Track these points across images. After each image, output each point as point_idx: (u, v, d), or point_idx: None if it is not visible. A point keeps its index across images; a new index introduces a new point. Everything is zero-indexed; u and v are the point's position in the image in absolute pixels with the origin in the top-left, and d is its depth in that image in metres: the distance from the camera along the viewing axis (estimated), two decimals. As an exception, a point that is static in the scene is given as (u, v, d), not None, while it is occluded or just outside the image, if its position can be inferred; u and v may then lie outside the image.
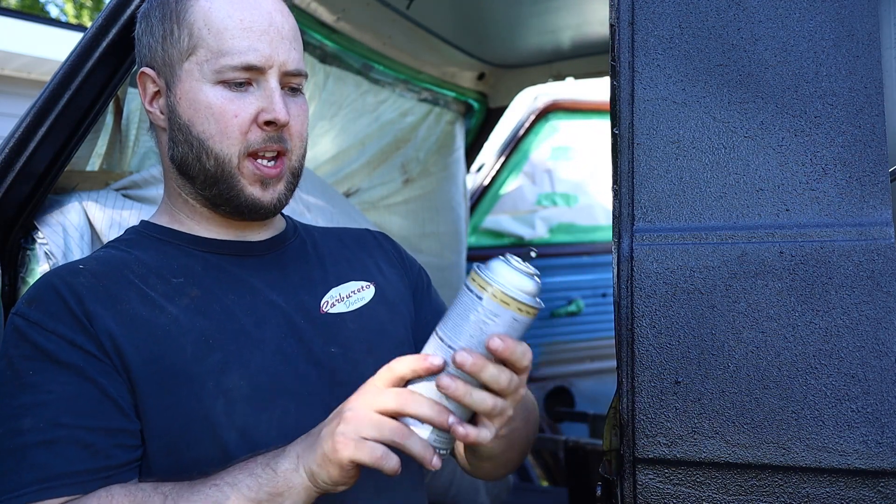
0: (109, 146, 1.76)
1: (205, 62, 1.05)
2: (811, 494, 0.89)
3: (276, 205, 1.09)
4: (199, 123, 1.06)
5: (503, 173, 3.80)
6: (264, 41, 1.05)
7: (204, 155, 1.06)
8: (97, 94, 1.42)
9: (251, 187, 1.07)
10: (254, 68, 1.04)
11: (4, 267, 1.50)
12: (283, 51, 1.06)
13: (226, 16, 1.05)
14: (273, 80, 1.05)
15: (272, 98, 1.05)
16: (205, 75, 1.05)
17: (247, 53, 1.04)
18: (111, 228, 1.60)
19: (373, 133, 2.80)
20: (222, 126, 1.04)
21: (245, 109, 1.05)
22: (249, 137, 1.05)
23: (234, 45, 1.04)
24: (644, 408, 0.93)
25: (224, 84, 1.05)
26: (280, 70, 1.06)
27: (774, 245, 0.91)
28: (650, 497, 0.93)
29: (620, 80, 1.00)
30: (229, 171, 1.06)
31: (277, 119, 1.04)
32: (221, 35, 1.04)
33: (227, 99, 1.04)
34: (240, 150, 1.05)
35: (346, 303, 1.15)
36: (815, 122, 0.93)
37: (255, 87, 1.06)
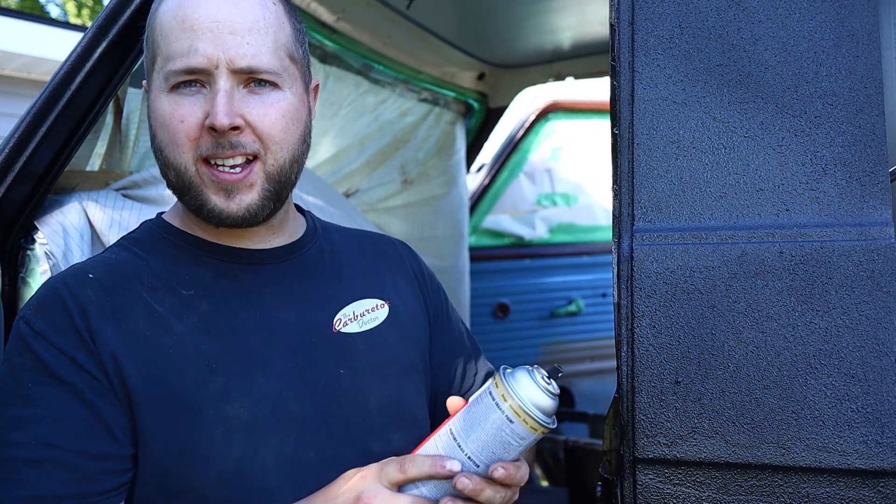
0: (109, 146, 1.76)
1: (161, 69, 1.00)
2: (811, 494, 0.89)
3: (245, 215, 1.01)
4: (157, 134, 1.02)
5: (503, 173, 3.80)
6: (206, 39, 0.97)
7: (165, 166, 1.02)
8: (97, 94, 1.42)
9: (215, 196, 1.00)
10: (196, 71, 0.97)
11: (4, 267, 1.50)
12: (231, 47, 0.97)
13: (172, 17, 0.99)
14: (221, 81, 0.97)
15: (213, 100, 0.96)
16: (160, 84, 1.00)
17: (187, 55, 0.97)
18: (111, 228, 1.60)
19: (373, 133, 2.81)
20: (171, 134, 0.99)
21: (192, 114, 0.98)
22: (200, 143, 0.98)
23: (176, 48, 0.98)
24: (644, 408, 0.93)
25: (175, 90, 0.99)
26: (228, 68, 0.97)
27: (774, 245, 0.91)
28: (650, 497, 0.93)
29: (620, 80, 0.99)
30: (188, 180, 1.00)
31: (214, 124, 0.95)
32: (167, 39, 0.99)
33: (175, 105, 0.98)
34: (193, 157, 0.99)
35: (359, 322, 1.11)
36: (815, 122, 0.93)
37: (208, 90, 0.98)
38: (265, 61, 0.99)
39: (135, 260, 1.05)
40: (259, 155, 1.00)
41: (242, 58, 0.98)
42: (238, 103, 0.98)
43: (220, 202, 1.00)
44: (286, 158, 1.03)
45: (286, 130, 1.02)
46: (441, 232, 3.00)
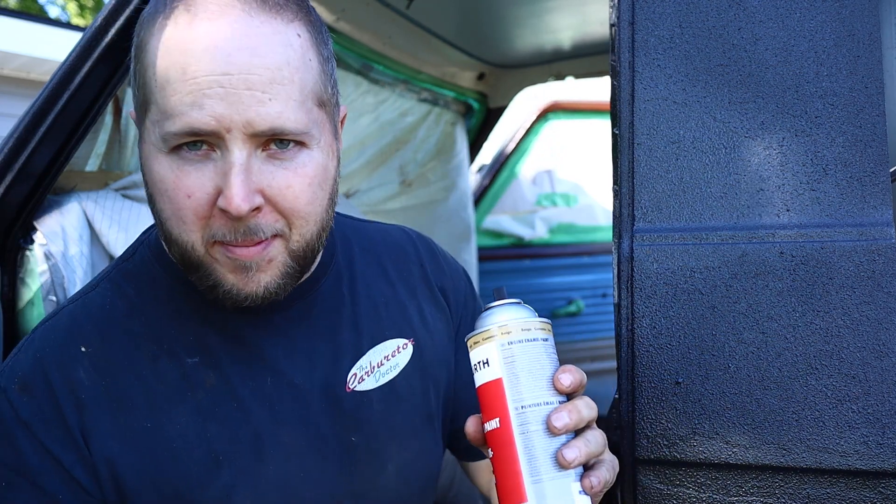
0: (109, 146, 1.76)
1: (156, 122, 0.80)
2: (812, 495, 0.89)
3: (264, 296, 0.85)
4: (157, 200, 0.83)
5: (503, 173, 3.80)
6: (214, 96, 0.76)
7: (168, 239, 0.85)
8: (96, 94, 1.42)
9: (231, 275, 0.84)
10: (202, 133, 0.77)
11: (4, 267, 1.50)
12: (248, 105, 0.77)
13: (171, 63, 0.78)
14: (236, 151, 0.78)
15: (228, 178, 0.77)
16: (157, 141, 0.80)
17: (188, 114, 0.77)
18: (110, 229, 1.60)
19: (373, 133, 2.81)
20: (175, 209, 0.81)
21: (201, 188, 0.79)
22: (212, 225, 0.81)
23: (175, 104, 0.77)
24: (644, 409, 0.93)
25: (177, 151, 0.80)
26: (245, 133, 0.77)
27: (775, 245, 0.91)
28: (650, 498, 0.93)
29: (621, 80, 0.99)
30: (198, 259, 0.83)
31: (229, 209, 0.77)
32: (165, 90, 0.78)
33: (180, 173, 0.79)
34: (202, 238, 0.82)
35: (375, 376, 0.98)
36: (815, 123, 0.93)
37: (219, 155, 0.79)
38: (291, 119, 0.79)
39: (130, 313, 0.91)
40: (282, 234, 0.84)
41: (263, 120, 0.78)
42: (257, 175, 0.79)
43: (238, 281, 0.84)
44: (313, 232, 0.86)
45: (313, 201, 0.84)
46: (441, 237, 3.00)
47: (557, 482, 0.75)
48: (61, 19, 11.81)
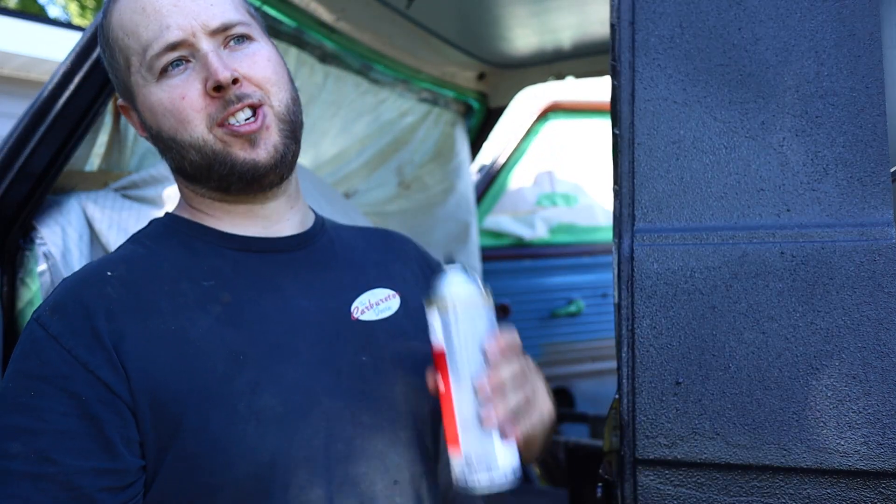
0: (108, 146, 1.76)
1: (140, 66, 1.01)
2: (812, 496, 0.89)
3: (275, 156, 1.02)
4: (162, 124, 1.02)
5: (503, 174, 3.80)
6: (174, 14, 0.99)
7: (183, 151, 1.02)
8: (96, 94, 1.42)
9: (242, 152, 1.01)
10: (176, 45, 0.99)
11: (3, 267, 1.50)
12: (199, 11, 1.00)
13: (131, 12, 1.01)
14: (204, 45, 0.99)
15: (206, 62, 0.98)
16: (146, 79, 1.01)
17: (161, 35, 0.99)
18: (110, 228, 1.60)
19: (372, 133, 2.80)
20: (178, 114, 1.00)
21: (191, 87, 0.99)
22: (209, 111, 0.99)
23: (148, 35, 0.99)
24: (644, 409, 0.93)
25: (164, 75, 1.00)
26: (205, 32, 1.00)
27: (775, 245, 0.91)
28: (650, 498, 0.93)
29: (621, 80, 0.99)
30: (210, 149, 1.01)
31: (218, 80, 0.97)
32: (136, 32, 1.00)
33: (170, 88, 1.00)
34: (207, 126, 1.00)
35: (375, 311, 1.11)
36: (816, 122, 0.93)
37: (194, 62, 1.00)
38: (234, 16, 1.03)
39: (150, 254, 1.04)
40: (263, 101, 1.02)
41: (213, 18, 1.00)
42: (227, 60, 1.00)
43: (249, 153, 1.01)
44: (287, 97, 1.05)
45: (277, 72, 1.05)
46: (441, 239, 3.00)
47: (482, 435, 0.92)
48: (61, 19, 11.81)
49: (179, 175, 1.08)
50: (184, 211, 1.12)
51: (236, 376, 0.95)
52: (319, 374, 1.01)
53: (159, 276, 1.01)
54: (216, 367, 0.95)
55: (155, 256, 1.04)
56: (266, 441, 0.94)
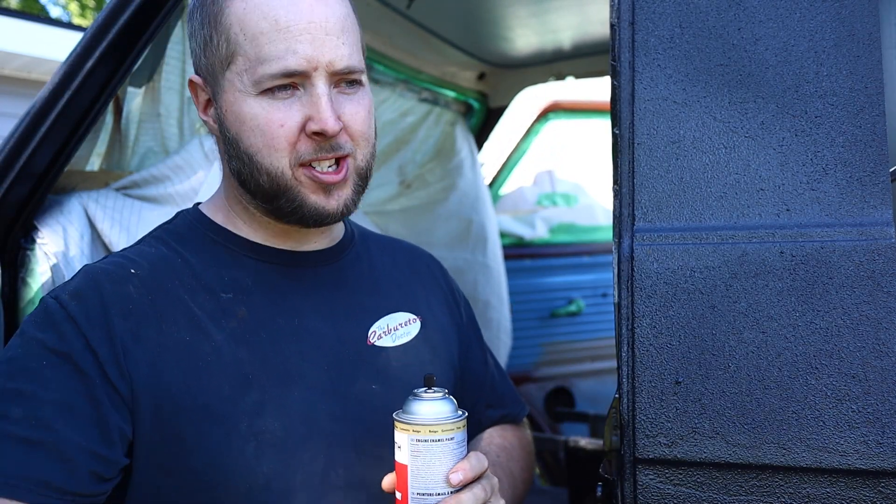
0: (109, 146, 1.76)
1: (244, 72, 0.97)
2: (812, 495, 0.89)
3: (342, 211, 1.02)
4: (245, 138, 0.98)
5: (503, 173, 3.80)
6: (304, 41, 0.95)
7: (256, 171, 0.99)
8: (97, 94, 1.42)
9: (314, 196, 0.99)
10: (295, 74, 0.95)
11: (4, 267, 1.50)
12: (328, 49, 0.96)
13: (260, 17, 0.95)
14: (321, 84, 0.96)
15: (318, 105, 0.96)
16: (245, 86, 0.97)
17: (285, 58, 0.94)
18: (112, 228, 1.60)
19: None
20: (268, 139, 0.97)
21: (291, 118, 0.96)
22: (299, 148, 0.97)
23: (270, 51, 0.94)
24: (644, 408, 0.93)
25: (267, 93, 0.96)
26: (327, 71, 0.96)
27: (775, 245, 0.91)
28: (650, 497, 0.93)
29: (621, 80, 0.99)
30: (285, 183, 0.99)
31: (325, 130, 0.95)
32: (257, 40, 0.95)
33: (271, 109, 0.96)
34: (290, 162, 0.98)
35: (393, 336, 1.10)
36: (815, 122, 0.93)
37: (303, 92, 0.97)
38: (357, 60, 1.01)
39: (173, 256, 1.03)
40: (351, 154, 1.01)
41: (341, 59, 0.97)
42: (335, 104, 0.98)
43: (321, 201, 1.00)
44: (370, 153, 1.05)
45: (371, 126, 1.04)
46: (440, 237, 3.00)
47: None
48: (62, 19, 11.81)
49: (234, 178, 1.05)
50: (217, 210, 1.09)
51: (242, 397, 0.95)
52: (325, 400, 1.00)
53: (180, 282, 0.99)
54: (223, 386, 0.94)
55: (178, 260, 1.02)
56: (263, 463, 0.94)
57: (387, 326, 1.10)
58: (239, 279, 1.03)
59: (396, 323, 1.11)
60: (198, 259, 1.03)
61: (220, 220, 1.08)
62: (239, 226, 1.07)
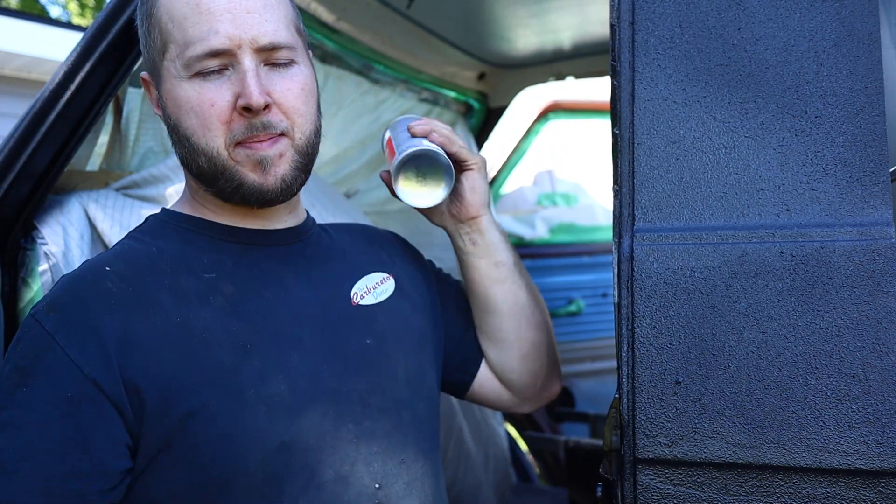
0: (109, 146, 1.76)
1: (176, 58, 0.99)
2: (811, 495, 0.89)
3: (282, 187, 1.03)
4: (182, 121, 1.01)
5: (503, 174, 3.80)
6: (225, 20, 0.97)
7: (195, 153, 1.01)
8: (97, 94, 1.42)
9: (252, 174, 1.01)
10: (220, 53, 0.97)
11: (4, 267, 1.50)
12: (251, 25, 0.98)
13: (184, 3, 0.98)
14: (247, 60, 0.98)
15: (244, 81, 0.97)
16: (179, 71, 0.99)
17: (207, 38, 0.97)
18: (112, 228, 1.60)
19: (373, 133, 2.80)
20: (202, 119, 0.99)
21: (222, 97, 0.98)
22: (233, 127, 0.99)
23: (194, 33, 0.97)
24: (644, 408, 0.93)
25: (199, 76, 0.98)
26: (251, 47, 0.98)
27: (775, 245, 0.91)
28: (650, 497, 0.93)
29: (621, 80, 0.99)
30: (222, 164, 1.00)
31: (250, 104, 0.96)
32: (182, 25, 0.98)
33: (202, 90, 0.98)
34: (225, 142, 0.99)
35: (374, 294, 1.14)
36: (815, 122, 0.93)
37: (232, 72, 0.99)
38: (283, 36, 1.01)
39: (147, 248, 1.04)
40: (287, 132, 1.02)
41: (264, 35, 0.99)
42: (264, 80, 0.99)
43: (258, 178, 1.01)
44: (310, 130, 1.06)
45: (307, 103, 1.05)
46: (438, 240, 3.00)
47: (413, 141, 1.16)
48: (62, 19, 11.80)
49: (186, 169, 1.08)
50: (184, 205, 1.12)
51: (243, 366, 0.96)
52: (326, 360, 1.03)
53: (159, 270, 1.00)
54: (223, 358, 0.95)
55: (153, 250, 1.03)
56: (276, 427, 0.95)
57: (366, 287, 1.14)
58: (219, 261, 1.04)
59: (374, 282, 1.16)
60: (174, 247, 1.05)
61: (188, 212, 1.10)
62: (207, 214, 1.09)
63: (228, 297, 1.00)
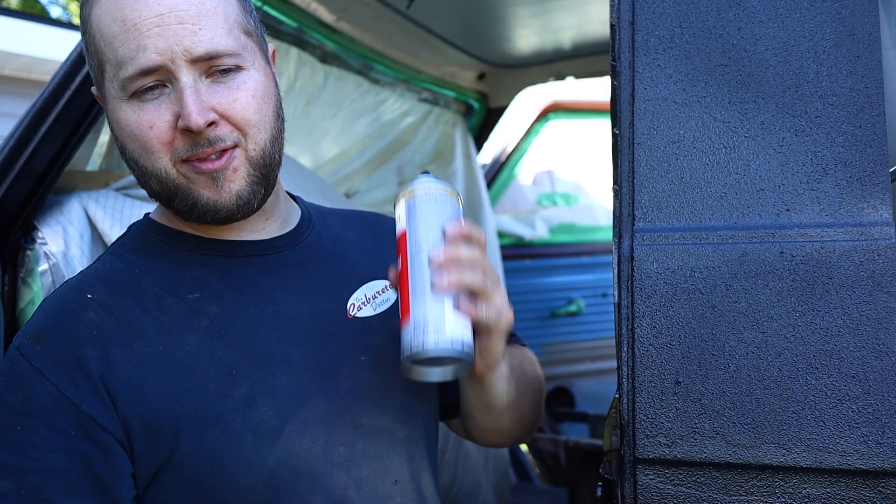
0: (109, 146, 1.76)
1: (112, 78, 0.93)
2: (812, 495, 0.89)
3: (238, 204, 0.96)
4: (127, 145, 0.95)
5: (503, 173, 3.80)
6: (153, 35, 0.89)
7: (144, 175, 0.96)
8: (97, 94, 1.42)
9: (206, 191, 0.94)
10: (151, 70, 0.90)
11: (4, 267, 1.50)
12: (182, 36, 0.89)
13: (111, 20, 0.91)
14: (183, 76, 0.90)
15: (182, 100, 0.90)
16: (117, 92, 0.93)
17: (136, 57, 0.89)
18: (112, 228, 1.60)
19: (373, 133, 2.81)
20: (142, 142, 0.92)
21: (160, 118, 0.91)
22: (176, 146, 0.92)
23: (124, 52, 0.90)
24: (644, 408, 0.93)
25: (136, 97, 0.92)
26: (186, 59, 0.90)
27: (775, 245, 0.91)
28: (650, 497, 0.93)
29: (621, 80, 0.99)
30: (173, 183, 0.94)
31: (189, 125, 0.89)
32: (112, 44, 0.91)
33: (141, 112, 0.92)
34: (171, 160, 0.93)
35: (373, 305, 1.08)
36: (815, 122, 0.93)
37: (171, 89, 0.92)
38: (223, 43, 0.92)
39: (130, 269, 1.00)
40: (239, 143, 0.95)
41: (199, 45, 0.90)
42: (206, 96, 0.91)
43: (212, 195, 0.94)
44: (266, 139, 0.97)
45: (260, 111, 0.96)
46: None
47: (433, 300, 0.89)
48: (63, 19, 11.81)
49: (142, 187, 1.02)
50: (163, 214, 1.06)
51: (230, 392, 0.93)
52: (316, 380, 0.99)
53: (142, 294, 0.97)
54: (208, 385, 0.93)
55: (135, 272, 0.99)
56: (264, 455, 0.92)
57: (365, 296, 1.07)
58: (203, 277, 1.00)
59: (374, 291, 1.09)
60: (157, 266, 1.00)
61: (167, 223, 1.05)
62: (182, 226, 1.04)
63: (213, 319, 0.97)
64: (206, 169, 0.93)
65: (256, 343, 0.97)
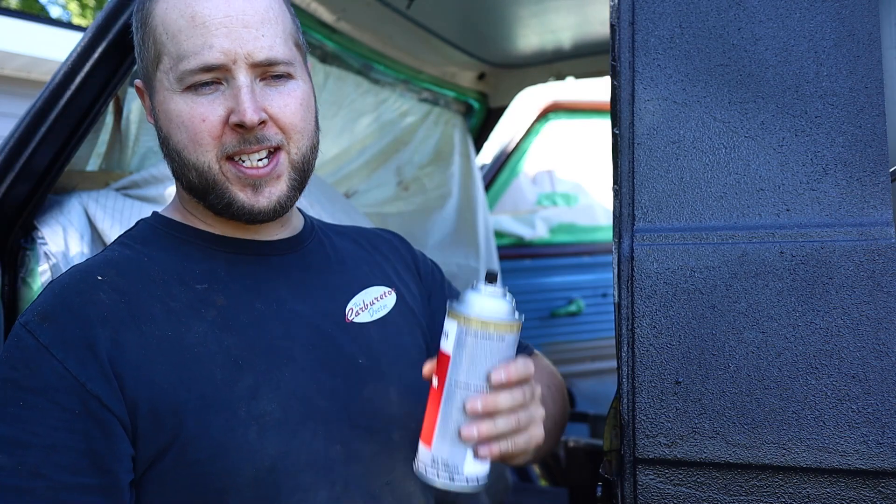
0: (109, 146, 1.76)
1: (169, 70, 0.97)
2: (812, 495, 0.89)
3: (275, 208, 1.01)
4: (173, 135, 0.99)
5: (503, 173, 3.80)
6: (221, 35, 0.95)
7: (185, 167, 0.99)
8: (97, 94, 1.42)
9: (242, 193, 0.99)
10: (214, 67, 0.95)
11: (4, 267, 1.50)
12: (247, 41, 0.96)
13: (178, 15, 0.96)
14: (241, 76, 0.96)
15: (238, 97, 0.95)
16: (172, 84, 0.97)
17: (202, 53, 0.95)
18: (112, 228, 1.60)
19: (373, 133, 2.81)
20: (192, 134, 0.97)
21: (213, 112, 0.96)
22: (224, 141, 0.97)
23: (188, 47, 0.95)
24: (644, 408, 0.93)
25: (191, 90, 0.96)
26: (247, 63, 0.96)
27: (775, 245, 0.91)
28: (650, 497, 0.93)
29: (621, 80, 0.99)
30: (212, 178, 0.98)
31: (243, 121, 0.95)
32: (177, 37, 0.96)
33: (194, 105, 0.96)
34: (216, 155, 0.97)
35: (370, 311, 1.11)
36: (815, 122, 0.93)
37: (226, 87, 0.97)
38: (280, 52, 0.99)
39: (139, 257, 1.02)
40: (283, 146, 1.00)
41: (260, 51, 0.97)
42: (260, 97, 0.97)
43: (249, 198, 0.99)
44: (307, 146, 1.04)
45: (305, 119, 1.03)
46: (434, 243, 2.99)
47: (456, 445, 0.90)
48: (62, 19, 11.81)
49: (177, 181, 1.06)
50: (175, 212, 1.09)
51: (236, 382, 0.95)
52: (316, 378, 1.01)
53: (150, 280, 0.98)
54: (215, 373, 0.94)
55: (144, 259, 1.01)
56: (267, 445, 0.94)
57: (363, 302, 1.11)
58: (211, 270, 1.02)
59: (372, 297, 1.12)
60: (165, 256, 1.03)
61: (179, 219, 1.08)
62: (196, 223, 1.07)
63: (220, 310, 0.99)
64: (251, 175, 0.98)
65: (262, 336, 0.99)
